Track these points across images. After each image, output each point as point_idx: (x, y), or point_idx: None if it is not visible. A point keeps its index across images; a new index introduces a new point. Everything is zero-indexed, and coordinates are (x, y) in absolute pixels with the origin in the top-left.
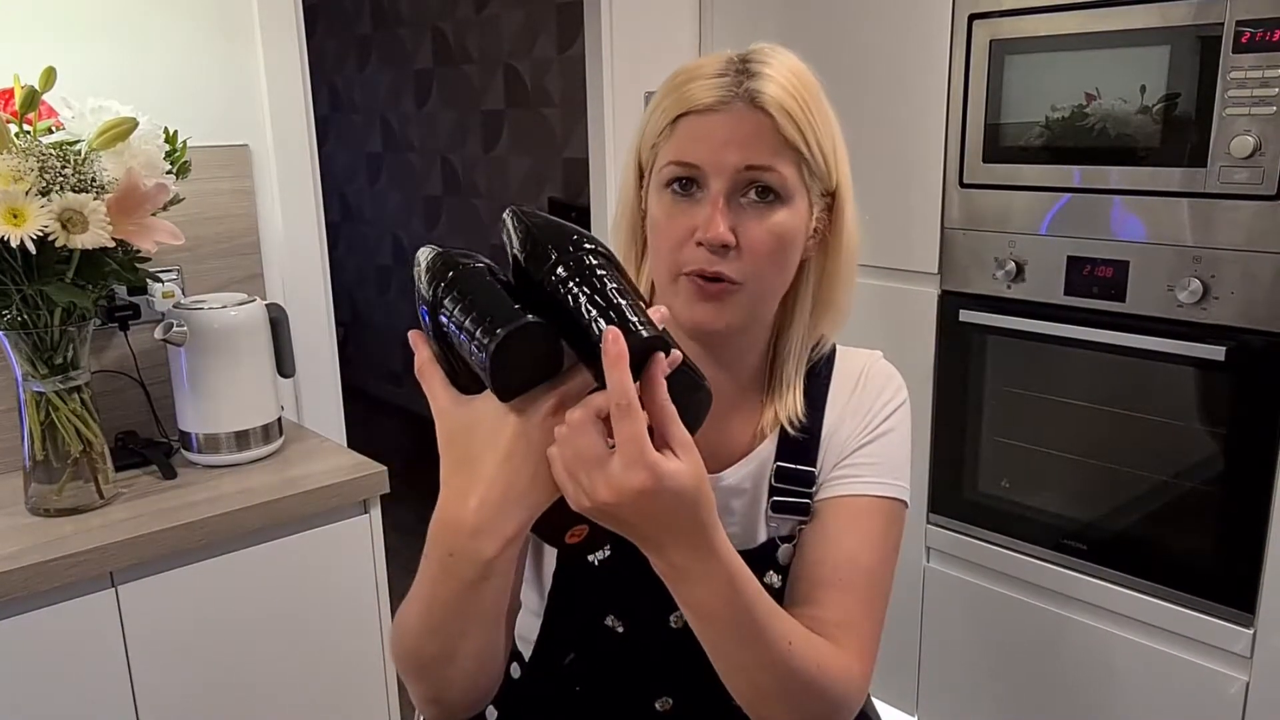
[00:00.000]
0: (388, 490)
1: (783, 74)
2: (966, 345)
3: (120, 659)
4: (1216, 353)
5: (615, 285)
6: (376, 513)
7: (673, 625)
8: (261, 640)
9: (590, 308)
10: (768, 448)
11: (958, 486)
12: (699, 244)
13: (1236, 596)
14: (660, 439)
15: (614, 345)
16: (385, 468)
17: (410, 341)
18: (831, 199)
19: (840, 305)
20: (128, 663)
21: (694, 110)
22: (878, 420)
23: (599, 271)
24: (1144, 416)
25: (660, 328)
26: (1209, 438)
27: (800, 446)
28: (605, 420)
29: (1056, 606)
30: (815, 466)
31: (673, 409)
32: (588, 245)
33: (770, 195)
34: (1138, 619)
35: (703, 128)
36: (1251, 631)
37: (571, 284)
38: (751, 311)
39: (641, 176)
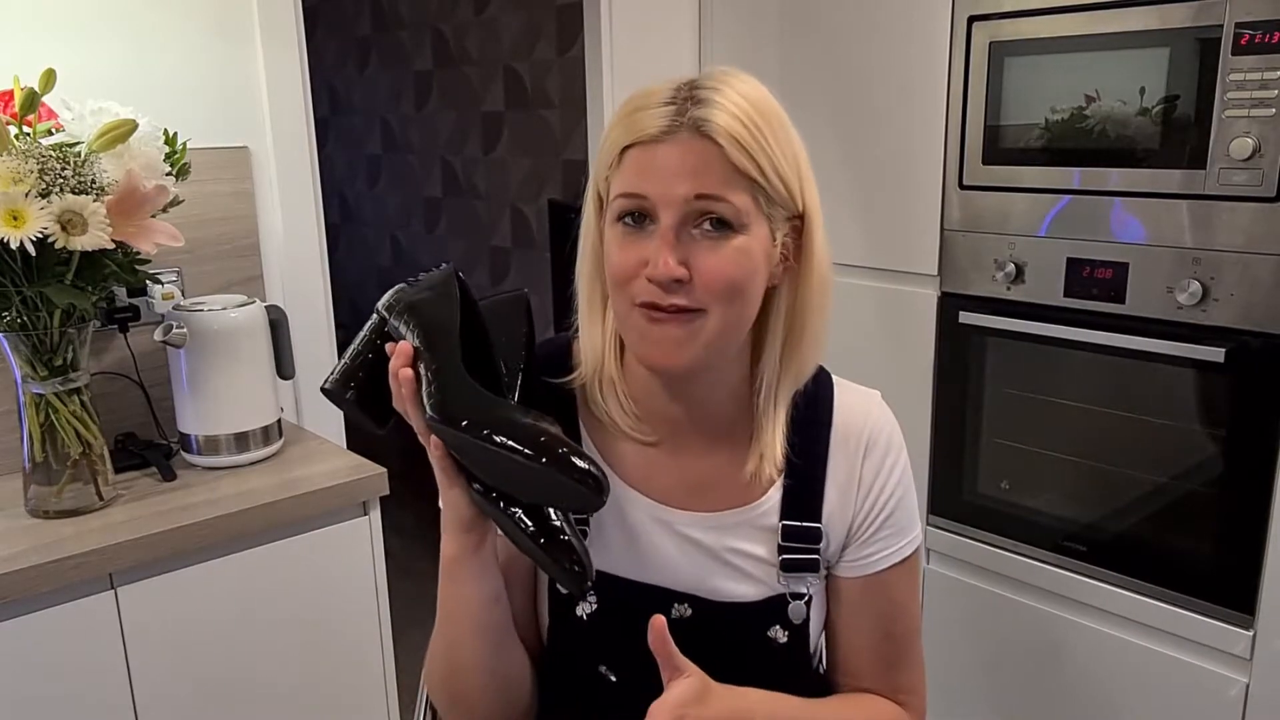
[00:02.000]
0: (387, 492)
1: (733, 100)
2: (966, 347)
3: (120, 661)
4: (1216, 354)
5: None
6: (376, 514)
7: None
8: (261, 642)
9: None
10: (769, 503)
11: (957, 488)
12: (650, 279)
13: (1236, 598)
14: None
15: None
16: (385, 470)
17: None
18: (800, 222)
19: (814, 333)
20: (127, 665)
21: (640, 141)
22: (890, 492)
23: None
24: (1144, 418)
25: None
26: (1209, 439)
27: (804, 501)
28: None
29: (1056, 608)
30: (820, 523)
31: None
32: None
33: (724, 226)
34: (1137, 621)
35: (649, 159)
36: (1251, 633)
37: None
38: (712, 343)
39: (602, 209)
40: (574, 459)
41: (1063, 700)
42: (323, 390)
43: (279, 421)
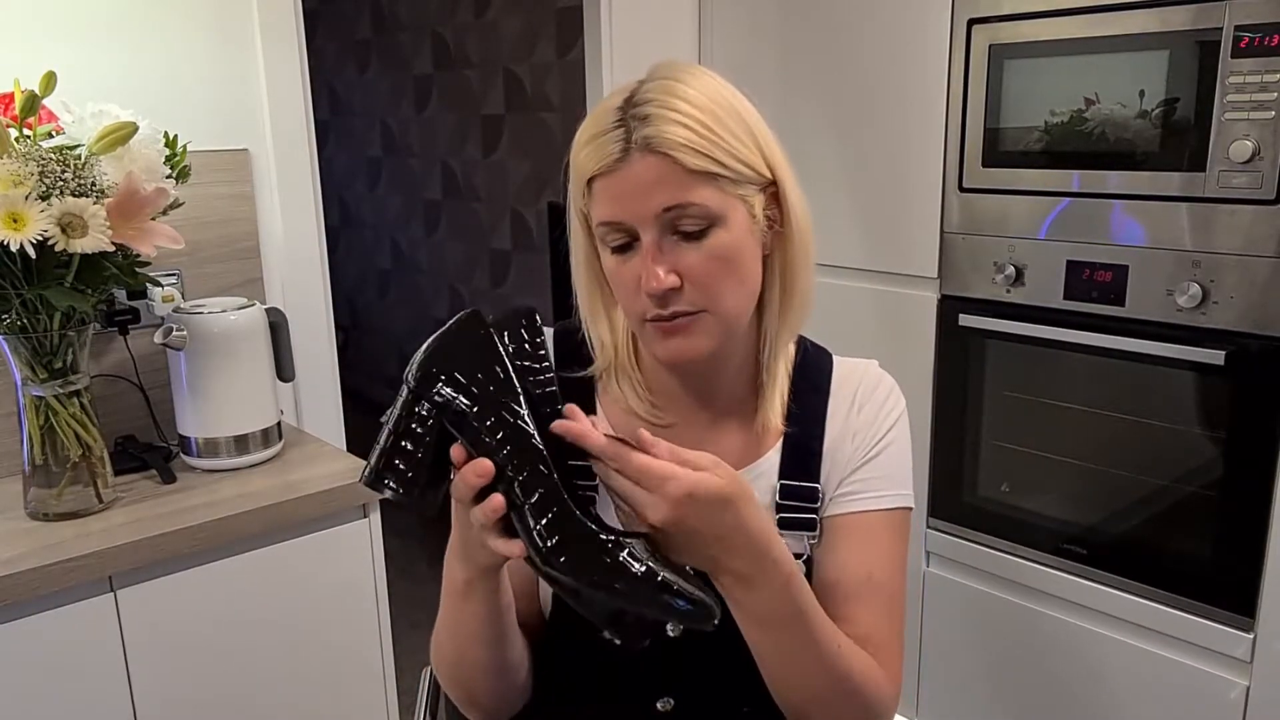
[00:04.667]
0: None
1: (674, 106)
2: (966, 349)
3: (119, 664)
4: (1216, 357)
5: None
6: (376, 517)
7: (670, 634)
8: (261, 645)
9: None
10: (769, 462)
11: (958, 491)
12: (647, 294)
13: (1237, 601)
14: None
15: (569, 429)
16: None
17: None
18: (775, 187)
19: (804, 289)
20: (126, 667)
21: (601, 172)
22: (880, 434)
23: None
24: (1144, 420)
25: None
26: (1209, 441)
27: (802, 461)
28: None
29: (1056, 611)
30: (819, 482)
31: (662, 465)
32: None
33: (699, 225)
34: (1138, 623)
35: (613, 186)
36: (1252, 636)
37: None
38: (726, 331)
39: (589, 229)
40: (688, 611)
41: (1063, 703)
42: (366, 485)
43: (279, 424)
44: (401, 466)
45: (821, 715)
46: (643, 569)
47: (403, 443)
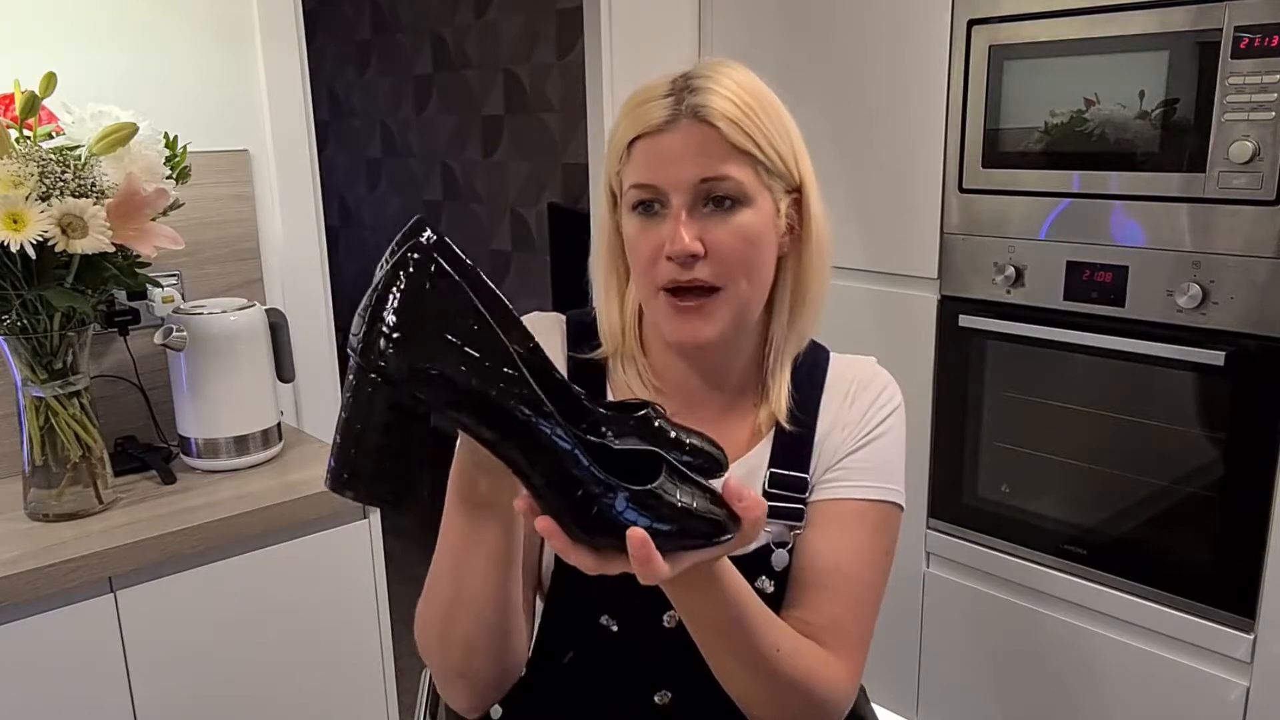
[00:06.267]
0: None
1: (726, 86)
2: (966, 350)
3: (119, 665)
4: (1216, 358)
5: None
6: (376, 518)
7: (666, 625)
8: (260, 646)
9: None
10: (761, 453)
11: (958, 491)
12: (669, 258)
13: (1237, 601)
14: None
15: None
16: None
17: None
18: (799, 194)
19: (815, 299)
20: (126, 669)
21: (645, 133)
22: (870, 425)
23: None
24: (1144, 421)
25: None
26: (1209, 442)
27: (793, 452)
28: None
29: (1056, 611)
30: (808, 472)
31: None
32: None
33: (729, 201)
34: (1138, 624)
35: (655, 148)
36: (1252, 637)
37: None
38: (735, 316)
39: (615, 202)
40: (730, 521)
41: (1063, 704)
42: (332, 489)
43: (279, 425)
44: (375, 464)
45: (764, 711)
46: (680, 503)
47: (374, 443)
